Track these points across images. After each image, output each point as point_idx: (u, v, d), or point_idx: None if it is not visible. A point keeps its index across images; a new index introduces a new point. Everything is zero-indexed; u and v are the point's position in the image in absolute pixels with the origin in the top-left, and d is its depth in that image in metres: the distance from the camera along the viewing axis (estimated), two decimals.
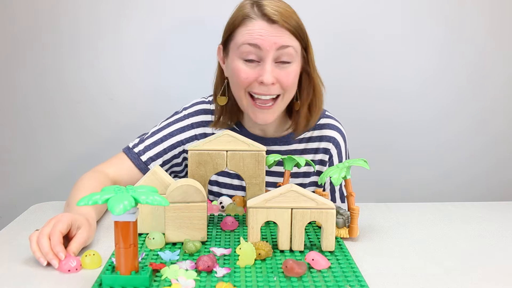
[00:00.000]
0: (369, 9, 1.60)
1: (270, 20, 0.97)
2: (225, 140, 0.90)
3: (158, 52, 1.60)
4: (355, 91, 1.66)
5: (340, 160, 1.17)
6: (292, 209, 0.77)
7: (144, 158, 1.11)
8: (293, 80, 1.02)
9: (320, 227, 0.90)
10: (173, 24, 1.58)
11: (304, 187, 1.16)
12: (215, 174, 1.02)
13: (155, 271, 0.70)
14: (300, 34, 1.00)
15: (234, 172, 1.05)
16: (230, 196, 1.16)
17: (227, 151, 0.90)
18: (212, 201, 1.06)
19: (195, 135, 1.14)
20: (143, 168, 1.11)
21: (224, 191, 1.18)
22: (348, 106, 1.64)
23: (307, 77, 1.06)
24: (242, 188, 1.16)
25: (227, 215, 0.94)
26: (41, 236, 0.75)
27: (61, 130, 1.64)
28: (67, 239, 0.79)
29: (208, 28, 1.53)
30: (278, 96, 1.02)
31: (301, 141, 1.15)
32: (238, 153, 0.91)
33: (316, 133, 1.16)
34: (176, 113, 1.17)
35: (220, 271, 0.70)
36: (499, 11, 1.63)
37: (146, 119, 1.54)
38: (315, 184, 1.18)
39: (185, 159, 1.16)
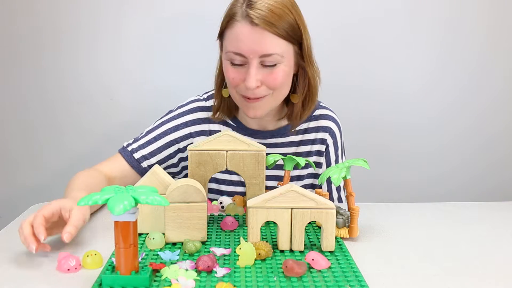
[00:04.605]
0: (371, 11, 1.60)
1: (252, 22, 0.93)
2: (225, 140, 0.90)
3: (158, 51, 1.60)
4: (356, 92, 1.66)
5: (336, 150, 1.17)
6: (292, 209, 0.77)
7: (137, 156, 1.10)
8: (281, 80, 0.99)
9: (320, 227, 0.90)
10: (173, 23, 1.57)
11: (303, 179, 1.17)
12: None
13: (155, 271, 0.70)
14: (289, 34, 0.96)
15: None
16: (229, 192, 1.16)
17: (227, 151, 0.90)
18: (212, 201, 1.06)
19: (190, 133, 1.13)
20: (136, 166, 1.10)
21: (223, 187, 1.17)
22: (349, 107, 1.65)
23: (303, 72, 1.05)
24: (242, 184, 1.16)
25: (227, 215, 0.94)
26: (23, 222, 0.76)
27: (61, 130, 1.64)
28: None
29: (209, 27, 1.52)
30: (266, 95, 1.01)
31: (297, 132, 1.15)
32: (238, 153, 0.90)
33: (312, 124, 1.16)
34: (171, 111, 1.16)
35: (220, 271, 0.70)
36: (499, 12, 1.63)
37: (146, 118, 1.53)
38: (312, 175, 1.18)
39: (181, 159, 1.15)
